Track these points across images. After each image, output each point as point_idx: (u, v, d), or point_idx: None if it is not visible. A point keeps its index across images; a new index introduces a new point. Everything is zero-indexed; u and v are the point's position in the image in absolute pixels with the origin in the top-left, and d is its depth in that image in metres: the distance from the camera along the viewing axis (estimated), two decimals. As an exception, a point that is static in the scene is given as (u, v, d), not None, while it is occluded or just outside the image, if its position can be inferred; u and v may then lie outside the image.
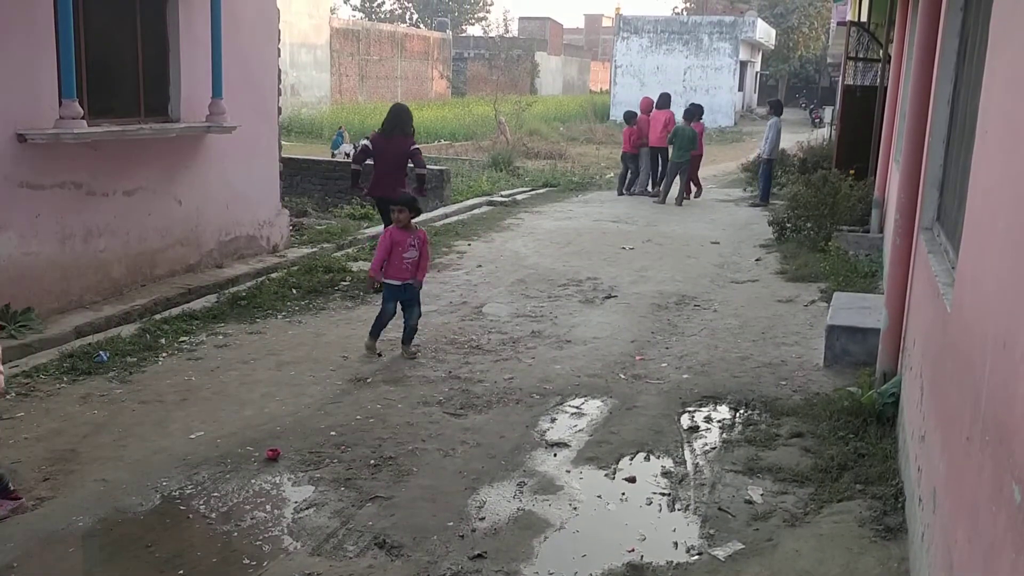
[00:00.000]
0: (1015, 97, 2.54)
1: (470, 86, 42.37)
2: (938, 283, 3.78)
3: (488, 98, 29.82)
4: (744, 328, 7.40)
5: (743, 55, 38.90)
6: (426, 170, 8.83)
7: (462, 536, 3.99)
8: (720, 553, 3.86)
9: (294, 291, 8.10)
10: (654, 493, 4.47)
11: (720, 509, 4.26)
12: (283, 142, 10.22)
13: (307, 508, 4.23)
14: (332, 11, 34.52)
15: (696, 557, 3.85)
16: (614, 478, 4.63)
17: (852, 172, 11.57)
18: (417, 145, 8.65)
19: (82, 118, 6.69)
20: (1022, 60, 2.50)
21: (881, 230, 10.10)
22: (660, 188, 15.36)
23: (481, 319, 7.53)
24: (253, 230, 9.26)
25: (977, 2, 4.29)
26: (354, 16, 57.74)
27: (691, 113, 15.35)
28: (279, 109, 9.66)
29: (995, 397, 2.29)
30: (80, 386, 5.69)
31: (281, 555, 3.82)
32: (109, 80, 7.52)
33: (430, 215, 12.26)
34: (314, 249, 9.83)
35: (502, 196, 14.91)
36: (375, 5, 64.83)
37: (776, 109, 15.79)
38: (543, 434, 5.16)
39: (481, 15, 67.88)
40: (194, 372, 6.05)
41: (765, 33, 42.24)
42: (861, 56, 14.09)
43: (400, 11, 65.60)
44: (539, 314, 7.71)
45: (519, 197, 15.15)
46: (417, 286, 6.58)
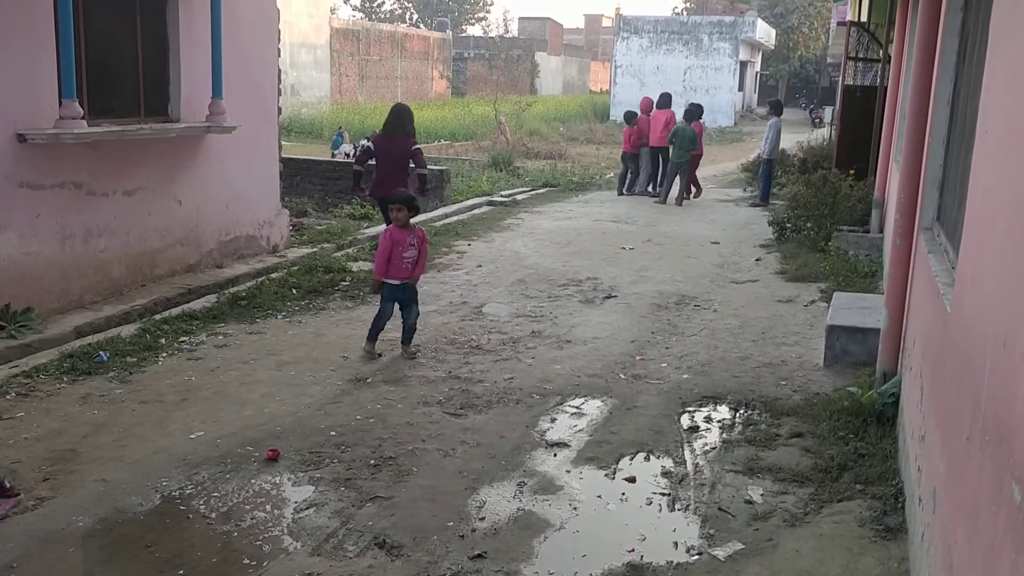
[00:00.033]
0: (1015, 97, 2.53)
1: (470, 86, 42.39)
2: (938, 283, 3.78)
3: (488, 98, 29.84)
4: (744, 328, 7.40)
5: (743, 55, 38.92)
6: (427, 170, 8.85)
7: (462, 536, 3.99)
8: (720, 553, 3.86)
9: (294, 291, 8.10)
10: (654, 493, 4.47)
11: (720, 509, 4.26)
12: (283, 142, 10.22)
13: (307, 508, 4.23)
14: (332, 11, 34.54)
15: (696, 557, 3.85)
16: (614, 478, 4.63)
17: (852, 172, 11.57)
18: (418, 145, 8.67)
19: (82, 118, 6.69)
20: (1022, 60, 2.50)
21: (881, 230, 10.10)
22: (660, 188, 15.37)
23: (481, 319, 7.53)
24: (253, 230, 9.26)
25: (977, 2, 4.29)
26: (354, 16, 57.78)
27: (691, 113, 15.34)
28: (279, 109, 9.66)
29: (995, 397, 2.29)
30: (80, 386, 5.69)
31: (281, 555, 3.82)
32: (109, 80, 7.52)
33: (430, 215, 12.28)
34: (314, 249, 9.83)
35: (502, 196, 14.91)
36: (375, 5, 64.89)
37: (776, 109, 15.79)
38: (543, 434, 5.16)
39: (481, 15, 67.98)
40: (194, 372, 6.05)
41: (765, 33, 42.25)
42: (861, 56, 14.08)
43: (400, 11, 65.68)
44: (539, 314, 7.71)
45: (519, 197, 15.15)
46: (413, 283, 6.59)
